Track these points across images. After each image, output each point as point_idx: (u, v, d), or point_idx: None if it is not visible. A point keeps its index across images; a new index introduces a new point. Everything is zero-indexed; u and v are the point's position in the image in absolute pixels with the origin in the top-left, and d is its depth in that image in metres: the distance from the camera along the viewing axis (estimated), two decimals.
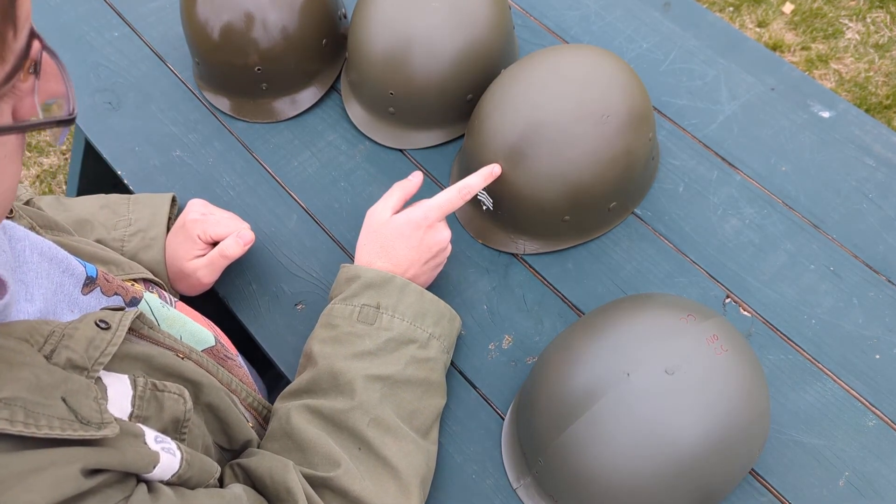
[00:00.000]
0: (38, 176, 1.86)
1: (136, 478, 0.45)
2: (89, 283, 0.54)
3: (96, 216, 0.77)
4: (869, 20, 1.98)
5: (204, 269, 0.75)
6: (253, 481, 0.57)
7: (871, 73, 1.88)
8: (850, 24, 1.97)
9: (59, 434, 0.40)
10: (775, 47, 1.94)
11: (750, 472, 0.69)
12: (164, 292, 0.69)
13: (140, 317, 0.53)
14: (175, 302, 0.68)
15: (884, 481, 0.68)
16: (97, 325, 0.48)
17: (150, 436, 0.47)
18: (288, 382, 0.74)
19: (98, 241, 0.74)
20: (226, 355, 0.67)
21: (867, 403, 0.72)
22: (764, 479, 0.68)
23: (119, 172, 0.90)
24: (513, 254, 0.82)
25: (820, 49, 1.93)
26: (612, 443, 0.58)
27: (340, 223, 0.85)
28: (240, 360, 0.72)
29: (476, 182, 0.73)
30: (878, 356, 0.74)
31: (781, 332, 0.76)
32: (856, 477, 0.68)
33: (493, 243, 0.82)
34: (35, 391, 0.40)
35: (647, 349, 0.59)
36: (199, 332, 0.65)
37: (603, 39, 0.99)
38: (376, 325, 0.65)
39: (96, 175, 1.35)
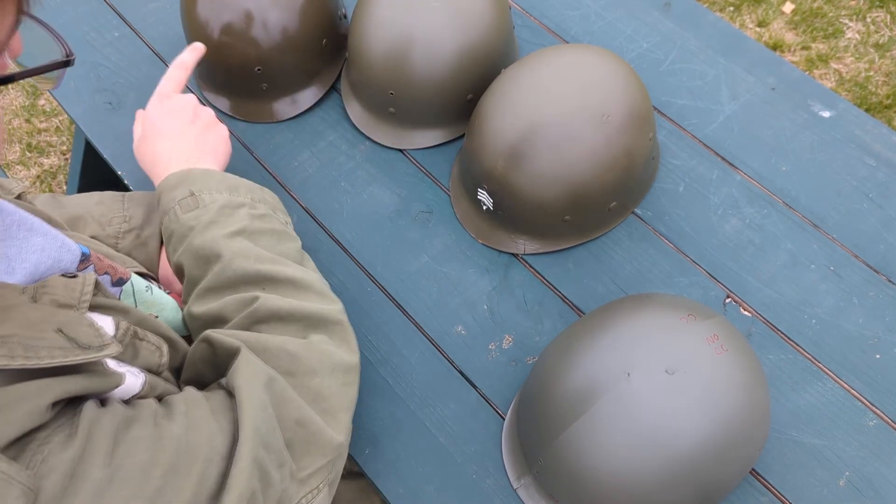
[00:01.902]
0: (38, 176, 1.87)
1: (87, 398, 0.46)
2: (84, 260, 0.55)
3: (91, 213, 0.77)
4: (869, 20, 1.98)
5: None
6: (193, 377, 0.58)
7: (872, 73, 1.88)
8: (851, 24, 1.97)
9: (60, 361, 0.41)
10: (775, 47, 1.94)
11: (750, 472, 0.69)
12: (154, 283, 0.69)
13: (97, 285, 0.53)
14: (169, 292, 0.69)
15: (884, 481, 0.68)
16: (63, 276, 0.49)
17: (112, 362, 0.47)
18: None
19: (92, 237, 0.75)
20: None
21: (867, 403, 0.72)
22: (764, 479, 0.68)
23: (119, 173, 0.90)
24: (513, 254, 0.82)
25: (820, 49, 1.93)
26: (612, 443, 0.58)
27: (340, 223, 0.85)
28: None
29: (188, 57, 0.77)
30: (878, 356, 0.74)
31: (782, 332, 0.76)
32: (856, 477, 0.68)
33: (494, 243, 0.82)
34: (28, 327, 0.42)
35: (647, 349, 0.59)
36: (174, 319, 0.65)
37: (603, 39, 0.99)
38: (201, 206, 0.66)
39: (96, 175, 1.35)
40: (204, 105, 0.76)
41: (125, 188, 0.89)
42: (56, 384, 0.41)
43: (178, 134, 0.72)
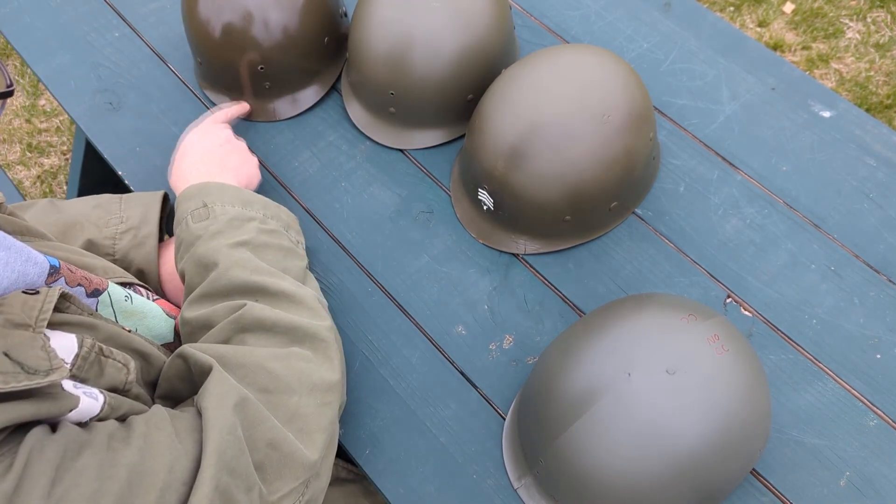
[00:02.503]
0: (38, 176, 1.87)
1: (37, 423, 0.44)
2: (53, 273, 0.54)
3: (88, 216, 0.77)
4: (869, 20, 1.98)
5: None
6: (168, 392, 0.57)
7: (872, 73, 1.88)
8: (851, 24, 1.97)
9: (2, 388, 0.39)
10: (776, 47, 1.94)
11: (751, 472, 0.69)
12: (144, 290, 0.69)
13: (69, 298, 0.52)
14: (156, 299, 0.68)
15: (885, 481, 0.68)
16: (25, 293, 0.47)
17: (68, 384, 0.45)
18: None
19: (89, 241, 0.75)
20: None
21: (868, 403, 0.72)
22: (765, 479, 0.68)
23: (120, 173, 0.90)
24: (513, 254, 0.82)
25: (820, 49, 1.93)
26: (612, 443, 0.58)
27: (341, 223, 0.85)
28: None
29: (232, 108, 0.87)
30: (878, 356, 0.74)
31: (782, 332, 0.76)
32: (857, 477, 0.68)
33: (494, 243, 0.82)
34: None
35: (647, 349, 0.59)
36: (158, 327, 0.64)
37: (603, 39, 0.99)
38: (212, 217, 0.67)
39: (97, 175, 1.35)
40: (233, 136, 0.81)
41: (125, 188, 0.89)
42: (4, 410, 0.39)
43: (204, 152, 0.76)
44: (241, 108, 0.89)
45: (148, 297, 0.67)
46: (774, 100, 0.92)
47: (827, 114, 0.90)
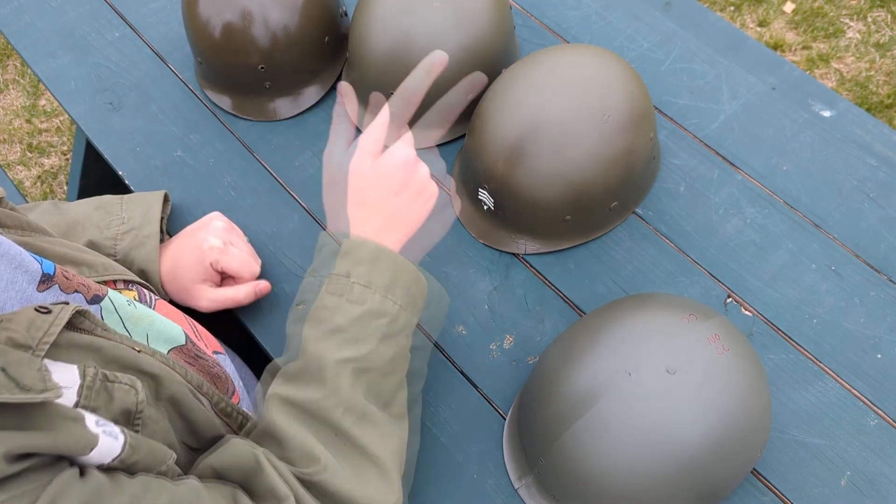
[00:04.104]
0: (38, 177, 1.87)
1: (67, 461, 0.43)
2: (46, 280, 0.52)
3: (90, 218, 0.76)
4: (870, 19, 1.98)
5: (209, 302, 0.75)
6: (221, 475, 0.56)
7: (872, 73, 1.88)
8: (851, 24, 1.97)
9: None
10: (776, 47, 1.94)
11: (751, 472, 0.69)
12: (146, 291, 0.68)
13: (86, 314, 0.51)
14: (155, 301, 0.67)
15: (885, 481, 0.68)
16: (37, 311, 0.46)
17: (91, 419, 0.45)
18: None
19: (90, 242, 0.74)
20: (196, 354, 0.64)
21: (869, 403, 0.72)
22: (765, 479, 0.68)
23: (120, 173, 0.90)
24: (514, 254, 0.82)
25: (821, 48, 1.93)
26: (613, 442, 0.58)
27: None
28: (223, 359, 0.70)
29: (414, 83, 0.66)
30: (879, 356, 0.74)
31: (783, 332, 0.76)
32: (857, 476, 0.68)
33: (495, 243, 0.82)
34: None
35: (648, 349, 0.59)
36: (168, 329, 0.62)
37: (604, 39, 0.99)
38: (346, 298, 0.62)
39: (97, 175, 1.35)
40: (417, 162, 0.65)
41: (126, 188, 0.89)
42: (9, 437, 0.39)
43: (375, 204, 0.65)
44: (385, 123, 0.68)
45: (150, 300, 0.66)
46: (775, 99, 0.92)
47: (827, 113, 0.90)
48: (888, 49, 1.91)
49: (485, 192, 0.79)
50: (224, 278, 0.78)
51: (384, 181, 0.64)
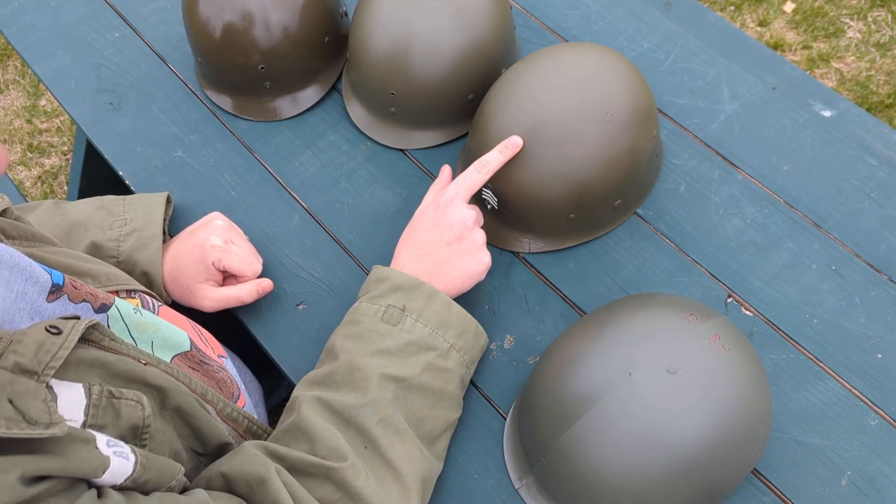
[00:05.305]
0: (39, 177, 1.87)
1: (85, 483, 0.44)
2: (55, 291, 0.52)
3: (92, 219, 0.76)
4: (870, 19, 1.98)
5: (212, 302, 0.75)
6: (230, 483, 0.56)
7: (873, 72, 1.88)
8: (852, 23, 1.97)
9: (3, 433, 0.39)
10: (776, 46, 1.94)
11: (752, 472, 0.69)
12: (149, 298, 0.67)
13: (97, 326, 0.51)
14: (158, 307, 0.67)
15: (886, 481, 0.68)
16: (47, 331, 0.46)
17: (102, 440, 0.45)
18: (291, 384, 0.74)
19: (93, 243, 0.74)
20: (202, 360, 0.64)
21: (869, 403, 0.72)
22: (766, 479, 0.68)
23: (120, 173, 0.90)
24: (514, 253, 0.82)
25: (821, 48, 1.93)
26: (613, 442, 0.58)
27: (342, 223, 0.85)
28: (227, 363, 0.70)
29: (494, 157, 0.73)
30: (880, 355, 0.74)
31: (783, 332, 0.76)
32: (858, 476, 0.68)
33: (499, 242, 0.82)
34: None
35: (648, 349, 0.59)
36: (174, 336, 0.62)
37: (604, 39, 0.99)
38: (399, 327, 0.65)
39: (98, 176, 1.35)
40: (476, 224, 0.72)
41: (126, 188, 0.89)
42: (22, 461, 0.39)
43: (427, 247, 0.70)
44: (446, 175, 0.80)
45: (153, 307, 0.66)
46: (775, 99, 0.92)
47: (828, 113, 0.90)
48: (888, 49, 1.91)
49: (488, 192, 0.79)
50: (226, 277, 0.78)
51: (441, 229, 0.70)
